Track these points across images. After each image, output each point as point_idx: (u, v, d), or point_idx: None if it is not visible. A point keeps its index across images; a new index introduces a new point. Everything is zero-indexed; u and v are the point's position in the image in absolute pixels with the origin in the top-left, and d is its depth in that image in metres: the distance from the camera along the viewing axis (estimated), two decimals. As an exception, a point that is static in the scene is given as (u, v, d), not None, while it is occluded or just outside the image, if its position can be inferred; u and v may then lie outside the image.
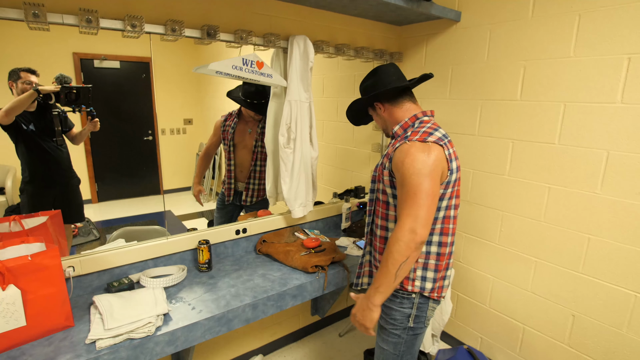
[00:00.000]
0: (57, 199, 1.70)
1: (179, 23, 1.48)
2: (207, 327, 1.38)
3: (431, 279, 1.28)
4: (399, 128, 1.29)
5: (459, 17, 1.99)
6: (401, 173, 1.14)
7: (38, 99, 1.51)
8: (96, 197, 2.12)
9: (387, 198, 1.27)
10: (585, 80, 1.59)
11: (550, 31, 1.67)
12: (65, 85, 1.54)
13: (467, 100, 2.04)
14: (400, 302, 1.31)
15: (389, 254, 1.13)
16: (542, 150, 1.76)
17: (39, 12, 1.23)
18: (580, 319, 1.73)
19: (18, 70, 1.48)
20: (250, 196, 2.14)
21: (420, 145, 1.15)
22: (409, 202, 1.11)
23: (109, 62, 2.00)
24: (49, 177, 1.67)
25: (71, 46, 1.75)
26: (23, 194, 1.64)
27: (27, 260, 1.18)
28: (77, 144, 1.73)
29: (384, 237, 1.33)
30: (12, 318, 1.17)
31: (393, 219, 1.28)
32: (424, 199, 1.10)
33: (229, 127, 2.11)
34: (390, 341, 1.35)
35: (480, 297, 2.14)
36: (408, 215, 1.10)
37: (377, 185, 1.31)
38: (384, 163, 1.26)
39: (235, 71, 1.61)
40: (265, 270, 1.74)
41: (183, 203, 2.28)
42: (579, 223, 1.68)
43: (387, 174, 1.23)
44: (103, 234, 1.96)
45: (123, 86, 2.14)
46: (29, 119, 1.55)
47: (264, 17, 1.76)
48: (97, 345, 1.18)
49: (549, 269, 1.81)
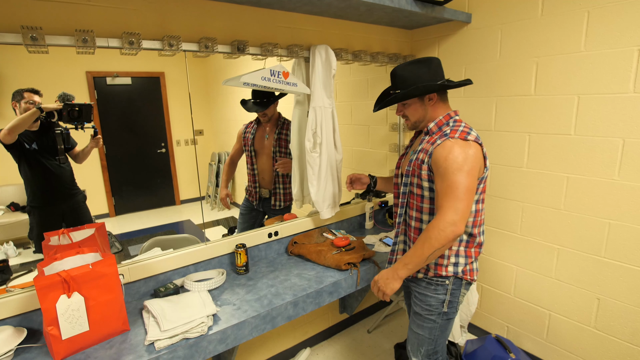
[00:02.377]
0: (66, 216, 1.73)
1: (212, 40, 1.57)
2: (253, 325, 1.45)
3: (462, 263, 1.38)
4: (434, 125, 1.35)
5: (470, 19, 2.08)
6: (443, 168, 1.22)
7: (41, 118, 1.53)
8: (114, 210, 2.19)
9: (422, 192, 1.35)
10: (598, 72, 1.67)
11: (561, 28, 1.75)
12: (67, 103, 1.56)
13: (481, 97, 2.12)
14: (434, 289, 1.41)
15: (426, 238, 1.22)
16: (558, 142, 1.84)
17: (89, 38, 1.32)
18: (606, 301, 1.79)
19: (22, 91, 1.51)
20: (279, 200, 2.21)
21: (462, 142, 1.23)
22: (451, 195, 1.19)
23: (121, 78, 2.09)
24: (53, 195, 1.69)
25: (84, 65, 1.82)
26: (30, 215, 1.66)
27: (89, 269, 1.26)
28: (80, 162, 1.73)
29: (418, 228, 1.41)
30: (77, 323, 1.24)
31: (427, 211, 1.36)
32: (465, 194, 1.19)
33: (248, 134, 2.19)
34: (425, 326, 1.45)
35: (505, 286, 2.20)
36: (449, 208, 1.19)
37: (412, 180, 1.37)
38: (422, 158, 1.32)
39: (263, 82, 1.70)
40: (300, 270, 1.81)
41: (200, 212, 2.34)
42: (599, 209, 1.75)
43: (426, 169, 1.30)
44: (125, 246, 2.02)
45: (135, 101, 2.22)
46: (32, 138, 1.57)
47: (287, 30, 1.85)
48: (156, 346, 1.26)
49: (571, 255, 1.88)
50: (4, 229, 1.77)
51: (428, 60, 1.36)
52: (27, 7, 1.27)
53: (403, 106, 1.42)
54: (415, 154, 1.37)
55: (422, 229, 1.38)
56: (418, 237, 1.33)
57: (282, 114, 2.20)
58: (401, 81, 1.38)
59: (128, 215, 2.29)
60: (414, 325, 1.50)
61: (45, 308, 1.18)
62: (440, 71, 1.37)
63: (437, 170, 1.25)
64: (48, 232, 1.52)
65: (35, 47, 1.27)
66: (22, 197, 1.81)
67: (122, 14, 1.43)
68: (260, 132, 2.18)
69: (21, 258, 1.71)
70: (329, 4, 1.70)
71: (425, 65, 1.35)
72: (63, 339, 1.21)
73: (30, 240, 1.73)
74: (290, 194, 2.19)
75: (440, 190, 1.24)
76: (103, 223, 1.66)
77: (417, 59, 1.38)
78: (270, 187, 2.22)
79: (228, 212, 2.61)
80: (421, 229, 1.39)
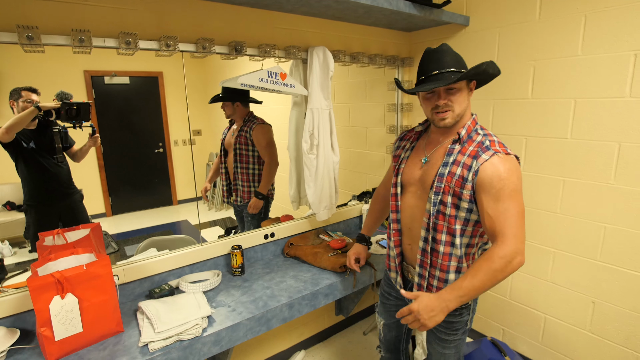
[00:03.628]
0: (62, 215, 1.72)
1: (209, 41, 1.57)
2: (248, 327, 1.44)
3: None
4: (466, 132, 1.19)
5: (468, 22, 2.08)
6: (498, 189, 1.08)
7: (39, 116, 1.52)
8: (110, 210, 2.18)
9: (457, 212, 1.16)
10: (594, 76, 1.67)
11: (558, 32, 1.76)
12: (65, 102, 1.54)
13: (479, 100, 2.12)
14: (459, 314, 1.29)
15: (490, 270, 1.06)
16: (555, 145, 1.84)
17: (85, 38, 1.32)
18: (601, 305, 1.79)
19: (19, 90, 1.49)
20: (239, 196, 2.19)
21: (509, 159, 1.11)
22: (512, 220, 1.07)
23: (119, 78, 2.07)
24: (50, 194, 1.67)
25: (82, 64, 1.81)
26: (27, 214, 1.65)
27: (83, 269, 1.26)
28: (78, 161, 1.72)
29: (448, 254, 1.21)
30: (71, 325, 1.24)
31: (459, 233, 1.18)
32: (523, 219, 1.10)
33: (222, 134, 2.20)
34: (452, 346, 1.36)
35: (501, 289, 2.20)
36: (513, 236, 1.07)
37: (445, 198, 1.17)
38: (461, 175, 1.13)
39: (261, 83, 1.70)
40: (296, 271, 1.81)
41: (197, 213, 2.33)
42: (595, 213, 1.75)
43: (470, 187, 1.12)
44: (121, 246, 2.02)
45: (133, 101, 2.20)
46: (30, 137, 1.55)
47: (285, 31, 1.85)
48: (150, 348, 1.25)
49: (567, 259, 1.88)
50: (0, 228, 1.76)
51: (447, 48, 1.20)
52: (23, 6, 1.27)
53: (449, 93, 1.16)
54: (448, 166, 1.17)
55: (454, 254, 1.20)
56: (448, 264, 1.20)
57: (253, 113, 2.17)
58: (454, 61, 1.16)
59: (125, 215, 2.27)
60: (439, 347, 1.37)
61: (38, 309, 1.18)
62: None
63: (488, 190, 1.09)
64: (43, 232, 1.51)
65: (31, 46, 1.27)
66: (18, 196, 1.80)
67: (119, 13, 1.43)
68: (231, 131, 2.19)
69: (17, 257, 1.70)
70: (327, 6, 1.70)
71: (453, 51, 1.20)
72: (56, 340, 1.20)
73: (26, 240, 1.72)
74: (248, 192, 2.18)
75: (494, 213, 1.09)
76: (98, 223, 1.65)
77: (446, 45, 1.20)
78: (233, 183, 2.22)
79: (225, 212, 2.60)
80: (452, 254, 1.21)
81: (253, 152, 2.15)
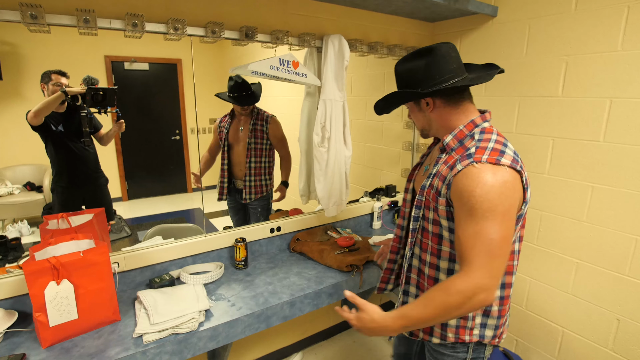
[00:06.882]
0: (86, 197, 1.74)
1: (219, 25, 1.50)
2: (247, 323, 1.40)
3: (493, 325, 1.05)
4: (452, 139, 1.01)
5: (496, 12, 1.94)
6: (469, 207, 0.88)
7: (67, 100, 1.54)
8: (126, 195, 2.19)
9: (440, 230, 1.01)
10: (635, 74, 1.52)
11: (596, 25, 1.61)
12: (91, 87, 1.55)
13: (503, 97, 1.99)
14: (452, 348, 1.09)
15: (443, 304, 0.89)
16: (585, 148, 1.70)
17: (90, 18, 1.27)
18: (626, 323, 1.66)
19: (49, 73, 1.52)
20: (248, 192, 2.15)
21: (492, 169, 0.88)
22: (482, 248, 0.86)
23: (139, 64, 2.06)
24: (77, 177, 1.71)
25: (103, 49, 1.80)
26: (54, 193, 1.69)
27: (79, 256, 1.23)
28: (104, 145, 1.76)
29: (433, 278, 1.07)
30: (66, 311, 1.22)
31: (447, 256, 1.03)
32: (501, 247, 0.87)
33: (223, 128, 2.13)
34: None
35: (516, 298, 2.08)
36: (480, 267, 0.86)
37: (426, 213, 1.04)
38: (436, 187, 0.98)
39: (272, 71, 1.63)
40: (300, 268, 1.75)
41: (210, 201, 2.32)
42: (626, 223, 1.61)
43: (444, 203, 0.96)
44: (134, 231, 2.02)
45: (152, 87, 2.20)
46: (58, 120, 1.59)
47: (299, 17, 1.77)
48: (144, 339, 1.22)
49: (591, 271, 1.75)
50: (19, 207, 1.80)
51: (429, 50, 1.00)
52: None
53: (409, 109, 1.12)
54: (430, 178, 1.02)
55: (440, 279, 1.05)
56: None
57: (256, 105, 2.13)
58: (399, 80, 1.07)
59: (140, 200, 2.30)
60: None
61: (34, 294, 1.16)
62: (446, 65, 0.99)
63: (460, 206, 0.91)
64: (48, 215, 1.51)
65: (36, 25, 1.23)
66: (38, 176, 1.83)
67: (127, -6, 1.38)
68: (235, 125, 2.12)
69: (34, 237, 1.73)
70: (344, -9, 1.61)
71: (423, 58, 1.00)
72: (50, 326, 1.19)
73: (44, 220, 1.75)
74: (260, 187, 2.14)
75: (464, 236, 0.89)
76: (102, 209, 1.64)
77: (417, 50, 1.02)
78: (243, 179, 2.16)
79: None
80: (437, 279, 1.06)
81: (267, 146, 2.12)
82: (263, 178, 2.16)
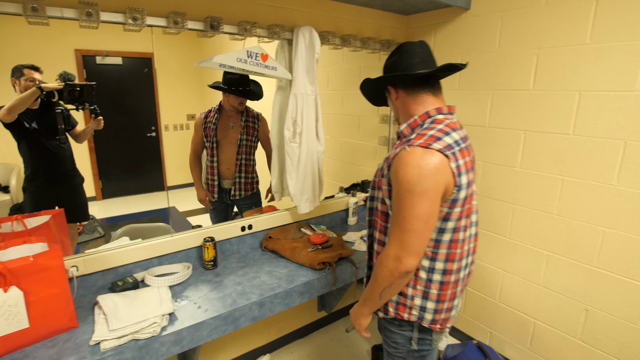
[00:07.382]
0: (60, 197, 1.67)
1: (181, 15, 1.43)
2: (213, 326, 1.35)
3: (432, 309, 1.09)
4: (407, 127, 1.08)
5: (469, 5, 1.92)
6: (395, 187, 0.98)
7: (41, 97, 1.47)
8: (100, 194, 2.10)
9: (387, 209, 1.08)
10: (603, 68, 1.53)
11: (565, 17, 1.61)
12: (68, 83, 1.50)
13: (477, 90, 1.98)
14: (399, 325, 1.15)
15: (374, 275, 1.05)
16: (555, 142, 1.71)
17: (38, 6, 1.19)
18: (594, 313, 1.69)
19: (21, 67, 1.44)
20: (238, 190, 2.09)
21: (420, 152, 0.94)
22: (397, 224, 0.97)
23: (111, 58, 1.97)
24: (52, 176, 1.63)
25: (73, 43, 1.71)
26: (26, 193, 1.61)
27: (29, 261, 1.16)
28: (80, 142, 1.69)
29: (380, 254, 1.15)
30: (15, 320, 1.14)
31: None
32: (414, 223, 0.94)
33: (210, 124, 2.03)
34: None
35: (490, 291, 2.10)
36: (395, 240, 0.98)
37: (377, 193, 1.12)
38: (383, 169, 1.07)
39: (239, 64, 1.56)
40: (272, 267, 1.71)
41: (187, 199, 2.25)
42: (594, 216, 1.63)
43: (386, 183, 1.05)
44: (108, 231, 1.94)
45: (126, 82, 2.11)
46: (32, 117, 1.51)
47: (269, 8, 1.70)
48: (101, 347, 1.16)
49: (561, 263, 1.77)
50: (-14, 208, 1.68)
51: (398, 48, 1.12)
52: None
53: None
54: (383, 161, 1.11)
55: None
56: None
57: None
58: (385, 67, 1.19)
59: (115, 199, 2.21)
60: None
61: (-22, 303, 1.08)
62: (408, 59, 1.08)
63: (393, 186, 1.00)
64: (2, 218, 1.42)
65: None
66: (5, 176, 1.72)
67: (77, -20, 1.29)
68: (224, 121, 2.03)
69: None
70: (313, -19, 1.55)
71: (394, 55, 1.12)
72: (-2, 336, 1.11)
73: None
74: (251, 184, 2.09)
75: (392, 214, 1.01)
76: (62, 210, 1.55)
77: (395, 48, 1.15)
78: (232, 178, 2.10)
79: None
80: None
81: (255, 143, 2.09)
82: (252, 175, 2.12)
